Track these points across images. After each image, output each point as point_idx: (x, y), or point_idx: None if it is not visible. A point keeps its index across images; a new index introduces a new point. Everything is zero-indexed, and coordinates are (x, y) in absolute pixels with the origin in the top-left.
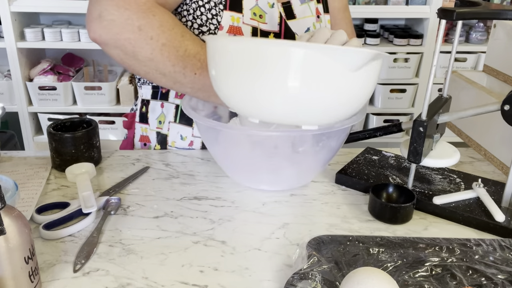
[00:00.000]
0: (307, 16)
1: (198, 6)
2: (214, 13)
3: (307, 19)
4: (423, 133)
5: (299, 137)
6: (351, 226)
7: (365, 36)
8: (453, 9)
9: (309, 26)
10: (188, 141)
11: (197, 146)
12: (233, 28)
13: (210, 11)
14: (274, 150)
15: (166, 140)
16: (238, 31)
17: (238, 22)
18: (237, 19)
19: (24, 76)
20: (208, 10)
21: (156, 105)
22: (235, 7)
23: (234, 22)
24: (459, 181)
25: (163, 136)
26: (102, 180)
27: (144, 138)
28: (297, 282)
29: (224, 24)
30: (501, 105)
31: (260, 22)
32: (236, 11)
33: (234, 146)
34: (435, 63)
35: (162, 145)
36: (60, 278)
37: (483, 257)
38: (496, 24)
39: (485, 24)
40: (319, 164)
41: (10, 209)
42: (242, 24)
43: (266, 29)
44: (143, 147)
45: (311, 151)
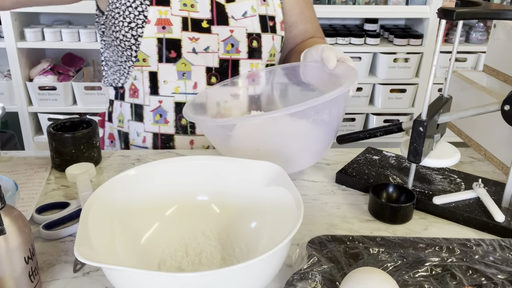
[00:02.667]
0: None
1: (126, 7)
2: (141, 10)
3: (245, 2)
4: (423, 133)
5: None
6: (351, 226)
7: (365, 36)
8: (453, 9)
9: (246, 9)
10: (142, 137)
11: (149, 142)
12: (161, 20)
13: (136, 8)
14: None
15: (128, 138)
16: (167, 22)
17: (166, 15)
18: (165, 12)
19: (24, 76)
20: (135, 8)
21: (117, 104)
22: (161, 2)
23: (162, 15)
24: (459, 181)
25: (125, 134)
26: (102, 180)
27: (111, 136)
28: (297, 282)
29: (151, 18)
30: (501, 105)
31: (191, 11)
32: (163, 5)
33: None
34: (435, 63)
35: (125, 143)
36: (60, 278)
37: (483, 257)
38: (496, 24)
39: (485, 24)
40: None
41: (10, 209)
42: (171, 15)
43: (198, 17)
44: (110, 145)
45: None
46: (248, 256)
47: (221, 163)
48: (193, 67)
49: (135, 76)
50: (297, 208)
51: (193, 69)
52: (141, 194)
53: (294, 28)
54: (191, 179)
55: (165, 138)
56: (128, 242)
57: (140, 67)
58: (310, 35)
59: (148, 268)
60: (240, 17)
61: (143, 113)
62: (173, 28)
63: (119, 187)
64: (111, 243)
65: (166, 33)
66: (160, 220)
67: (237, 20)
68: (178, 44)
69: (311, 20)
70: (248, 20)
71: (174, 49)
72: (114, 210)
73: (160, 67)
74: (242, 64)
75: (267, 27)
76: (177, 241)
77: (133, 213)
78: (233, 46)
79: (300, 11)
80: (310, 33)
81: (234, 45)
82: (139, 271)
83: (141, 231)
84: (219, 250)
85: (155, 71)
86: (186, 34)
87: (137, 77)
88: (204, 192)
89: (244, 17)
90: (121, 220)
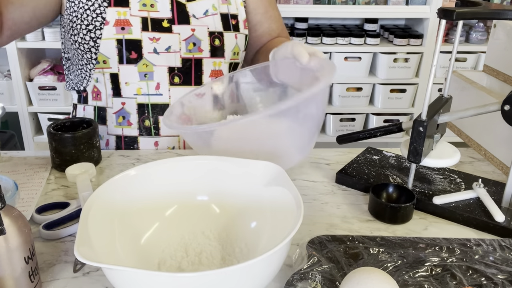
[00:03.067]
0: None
1: (84, 10)
2: (99, 12)
3: (206, 1)
4: (423, 133)
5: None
6: (351, 226)
7: (365, 36)
8: (453, 9)
9: (207, 8)
10: (105, 140)
11: (112, 145)
12: (119, 21)
13: (95, 11)
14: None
15: None
16: (126, 23)
17: (125, 15)
18: (124, 12)
19: (24, 76)
20: (93, 11)
21: (80, 108)
22: (120, 3)
23: (121, 16)
24: (459, 181)
25: None
26: (102, 180)
27: None
28: (297, 282)
29: (109, 19)
30: (501, 105)
31: (151, 11)
32: (121, 6)
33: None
34: (435, 63)
35: None
36: (60, 278)
37: (483, 257)
38: (496, 24)
39: (485, 24)
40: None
41: (10, 209)
42: (130, 16)
43: (158, 16)
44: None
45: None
46: (248, 256)
47: (220, 163)
48: (155, 67)
49: (96, 78)
50: (297, 208)
51: (155, 69)
52: (141, 194)
53: (259, 27)
54: (190, 179)
55: (128, 140)
56: (128, 242)
57: (101, 69)
58: (276, 34)
59: (148, 268)
60: (201, 15)
61: (106, 116)
62: (132, 29)
63: (119, 187)
64: (111, 243)
65: (125, 34)
66: (160, 220)
67: (198, 19)
68: (139, 44)
69: (275, 19)
70: (210, 19)
71: (135, 50)
72: (114, 210)
73: (121, 68)
74: (205, 63)
75: (230, 26)
76: (177, 241)
77: (133, 213)
78: (195, 45)
79: (264, 10)
80: (275, 32)
81: (196, 44)
82: (139, 271)
83: (141, 231)
84: (219, 250)
85: (116, 73)
86: (147, 34)
87: (98, 80)
88: (204, 192)
89: (205, 15)
90: (121, 220)
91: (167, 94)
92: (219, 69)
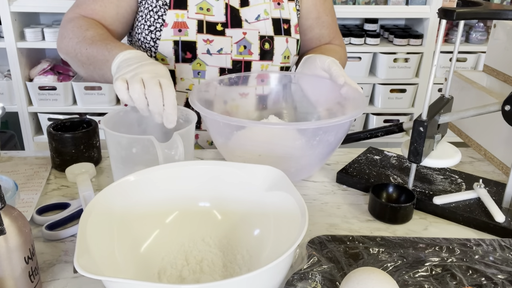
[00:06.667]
0: (259, 4)
1: (148, 11)
2: (160, 14)
3: (258, 6)
4: (423, 133)
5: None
6: (351, 226)
7: (365, 36)
8: (454, 9)
9: (259, 13)
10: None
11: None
12: (177, 24)
13: (157, 13)
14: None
15: None
16: (183, 25)
17: (183, 18)
18: (182, 15)
19: (24, 76)
20: (155, 13)
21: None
22: (179, 5)
23: (179, 18)
24: (460, 182)
25: None
26: (102, 180)
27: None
28: (297, 282)
29: (168, 22)
30: (502, 106)
31: (207, 14)
32: (180, 9)
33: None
34: (436, 63)
35: None
36: (60, 278)
37: (483, 257)
38: (496, 24)
39: (485, 24)
40: (317, 160)
41: (10, 209)
42: (187, 19)
43: (213, 20)
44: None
45: (307, 145)
46: (250, 263)
47: (222, 168)
48: (207, 67)
49: None
50: (302, 216)
51: (207, 69)
52: (141, 201)
53: (309, 32)
54: (191, 184)
55: None
56: (128, 251)
57: None
58: (326, 40)
59: (148, 277)
60: (253, 20)
61: None
62: (188, 31)
63: (119, 193)
64: (111, 252)
65: (182, 35)
66: (160, 227)
67: (250, 23)
68: (193, 46)
69: (328, 25)
70: (261, 23)
71: (190, 51)
72: (113, 217)
73: (177, 66)
74: (254, 66)
75: (281, 30)
76: (176, 248)
77: (132, 220)
78: (246, 48)
79: (317, 16)
80: (326, 38)
81: (247, 47)
82: (141, 284)
83: (141, 238)
84: (220, 257)
85: (173, 69)
86: (201, 36)
87: None
88: (206, 198)
89: (257, 20)
90: (121, 228)
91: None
92: (266, 72)
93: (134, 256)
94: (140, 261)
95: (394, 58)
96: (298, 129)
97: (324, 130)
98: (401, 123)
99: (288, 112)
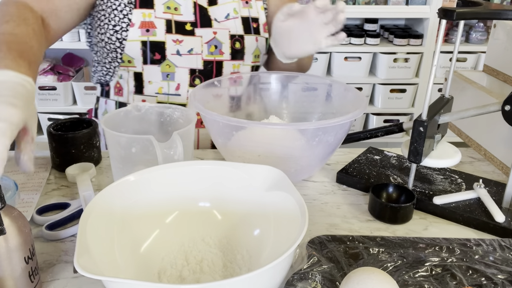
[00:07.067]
0: (228, 2)
1: (112, 10)
2: (125, 13)
3: (227, 5)
4: (423, 133)
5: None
6: (351, 226)
7: (365, 36)
8: (454, 9)
9: (229, 12)
10: None
11: None
12: (144, 23)
13: (121, 12)
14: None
15: None
16: (151, 25)
17: (150, 17)
18: (149, 14)
19: None
20: (120, 12)
21: (103, 101)
22: (146, 4)
23: (146, 17)
24: (460, 182)
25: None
26: (102, 180)
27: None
28: (297, 282)
29: (135, 21)
30: (502, 106)
31: (175, 14)
32: (147, 8)
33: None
34: (436, 63)
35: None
36: (60, 278)
37: (483, 257)
38: (496, 24)
39: (485, 24)
40: (316, 160)
41: (10, 209)
42: (155, 18)
43: (182, 20)
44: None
45: (307, 146)
46: (250, 263)
47: (222, 168)
48: (176, 68)
49: (121, 75)
50: (302, 216)
51: (177, 70)
52: (141, 201)
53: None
54: (192, 184)
55: None
56: (128, 251)
57: (126, 67)
58: None
59: (149, 277)
60: (223, 19)
61: None
62: (157, 31)
63: (118, 193)
64: (111, 252)
65: (150, 36)
66: (160, 227)
67: (220, 22)
68: (162, 46)
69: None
70: (231, 22)
71: (158, 52)
72: (113, 218)
73: (145, 68)
74: (225, 66)
75: (250, 29)
76: (176, 248)
77: (132, 220)
78: (217, 48)
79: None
80: None
81: (218, 46)
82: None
83: (141, 239)
84: (220, 257)
85: (140, 72)
86: (170, 37)
87: (122, 76)
88: (206, 198)
89: (226, 19)
90: (121, 228)
91: (185, 95)
92: (238, 71)
93: (134, 256)
94: (140, 261)
95: (394, 58)
96: (298, 129)
97: (324, 131)
98: (401, 123)
99: (288, 112)
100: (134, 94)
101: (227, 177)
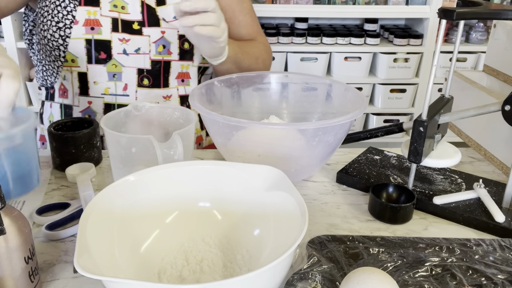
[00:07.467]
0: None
1: (55, 6)
2: (69, 10)
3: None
4: (423, 133)
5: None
6: (351, 226)
7: (365, 36)
8: (454, 9)
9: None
10: None
11: None
12: (89, 21)
13: (65, 8)
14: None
15: None
16: (96, 23)
17: (95, 15)
18: (94, 12)
19: (24, 76)
20: (64, 8)
21: (48, 105)
22: (91, 2)
23: (91, 15)
24: (460, 182)
25: None
26: (102, 180)
27: (42, 137)
28: (297, 282)
29: (79, 19)
30: (502, 106)
31: (121, 12)
32: (92, 5)
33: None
34: (436, 63)
35: None
36: (60, 278)
37: (483, 257)
38: (496, 24)
39: (485, 24)
40: (316, 160)
41: (10, 209)
42: (100, 16)
43: (129, 18)
44: (42, 146)
45: (307, 146)
46: (250, 263)
47: (222, 168)
48: (123, 68)
49: (64, 76)
50: (302, 216)
51: (124, 70)
52: (141, 201)
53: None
54: (192, 184)
55: None
56: (128, 251)
57: (69, 67)
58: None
59: (148, 277)
60: (171, 19)
61: (72, 114)
62: (102, 29)
63: (118, 193)
64: (111, 252)
65: (95, 34)
66: (160, 227)
67: (168, 22)
68: (108, 45)
69: (246, 26)
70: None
71: (104, 50)
72: (113, 218)
73: (89, 68)
74: (174, 66)
75: None
76: (176, 248)
77: (132, 220)
78: (165, 48)
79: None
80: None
81: (166, 46)
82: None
83: (141, 239)
84: (220, 257)
85: (85, 72)
86: (116, 35)
87: (66, 77)
88: (206, 198)
89: (175, 19)
90: (121, 228)
91: (133, 95)
92: (186, 71)
93: (134, 256)
94: (140, 261)
95: (394, 58)
96: (298, 129)
97: (324, 131)
98: (401, 123)
99: (288, 112)
100: (79, 96)
101: (227, 177)
